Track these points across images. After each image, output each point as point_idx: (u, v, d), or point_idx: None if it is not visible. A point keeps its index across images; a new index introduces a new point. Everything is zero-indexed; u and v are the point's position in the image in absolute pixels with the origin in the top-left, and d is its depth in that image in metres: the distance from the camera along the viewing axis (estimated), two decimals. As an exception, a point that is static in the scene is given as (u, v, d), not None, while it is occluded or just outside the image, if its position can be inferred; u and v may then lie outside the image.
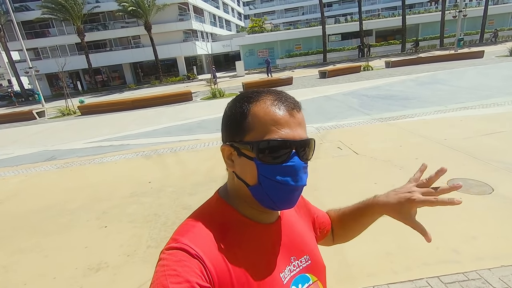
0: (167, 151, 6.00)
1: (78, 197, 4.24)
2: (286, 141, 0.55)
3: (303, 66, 27.09)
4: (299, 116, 0.58)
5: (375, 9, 51.00)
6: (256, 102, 0.57)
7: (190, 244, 0.54)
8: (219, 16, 40.69)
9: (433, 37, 28.80)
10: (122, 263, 2.61)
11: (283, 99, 0.58)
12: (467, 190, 3.10)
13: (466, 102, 6.97)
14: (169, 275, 0.49)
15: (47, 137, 9.32)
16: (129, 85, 29.09)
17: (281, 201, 0.58)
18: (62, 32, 29.45)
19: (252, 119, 0.56)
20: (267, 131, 0.55)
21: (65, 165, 5.97)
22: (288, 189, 0.56)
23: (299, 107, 0.59)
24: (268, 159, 0.55)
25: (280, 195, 0.57)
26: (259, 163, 0.56)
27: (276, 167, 0.55)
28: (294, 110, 0.57)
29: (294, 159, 0.55)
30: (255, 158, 0.56)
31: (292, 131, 0.56)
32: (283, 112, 0.56)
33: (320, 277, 0.70)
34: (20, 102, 26.99)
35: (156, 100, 13.26)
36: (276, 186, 0.56)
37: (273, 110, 0.56)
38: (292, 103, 0.58)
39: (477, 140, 4.46)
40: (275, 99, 0.57)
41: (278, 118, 0.55)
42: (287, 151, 0.55)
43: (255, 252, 0.60)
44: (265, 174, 0.56)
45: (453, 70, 12.67)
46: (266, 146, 0.55)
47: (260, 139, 0.55)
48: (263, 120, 0.55)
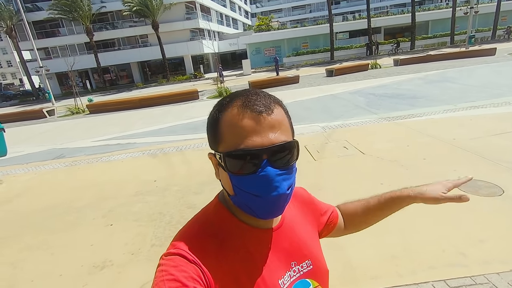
0: (173, 149, 6.04)
1: (84, 195, 4.30)
2: (252, 150, 0.51)
3: (310, 64, 26.91)
4: (270, 120, 0.53)
5: (384, 6, 50.27)
6: (226, 109, 0.55)
7: (187, 249, 0.54)
8: (226, 14, 40.69)
9: (443, 34, 28.25)
10: (126, 261, 2.63)
11: (251, 103, 0.53)
12: (476, 191, 3.02)
13: (476, 101, 6.82)
14: (167, 280, 0.50)
15: (56, 136, 9.48)
16: (137, 84, 29.37)
17: (262, 212, 0.55)
18: (72, 31, 29.88)
19: (221, 128, 0.54)
20: (235, 141, 0.52)
21: (73, 163, 6.06)
22: (264, 201, 0.53)
23: (269, 109, 0.53)
24: (238, 170, 0.53)
25: (258, 206, 0.54)
26: (231, 175, 0.54)
27: (247, 178, 0.53)
28: (262, 114, 0.52)
29: (266, 169, 0.52)
30: (226, 169, 0.54)
31: (261, 138, 0.51)
32: (248, 119, 0.52)
33: (322, 282, 0.68)
34: (31, 100, 27.55)
35: (163, 98, 13.35)
36: (251, 198, 0.54)
37: (239, 118, 0.52)
38: (262, 106, 0.53)
39: (487, 140, 4.35)
40: (241, 104, 0.53)
41: (243, 126, 0.52)
42: (256, 161, 0.52)
43: (252, 258, 0.59)
44: (238, 186, 0.54)
45: (463, 68, 12.40)
46: (232, 157, 0.52)
47: (229, 149, 0.53)
48: (230, 129, 0.53)
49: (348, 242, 2.29)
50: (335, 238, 0.89)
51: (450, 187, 0.74)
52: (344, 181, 3.68)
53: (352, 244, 2.37)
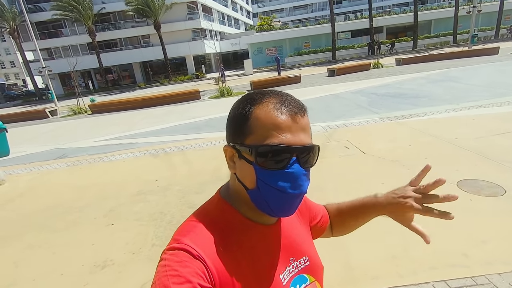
0: (174, 149, 6.05)
1: (86, 195, 4.31)
2: (286, 147, 0.53)
3: (312, 64, 26.87)
4: (303, 121, 0.56)
5: (386, 5, 50.09)
6: (259, 104, 0.56)
7: (192, 244, 0.54)
8: (227, 14, 40.72)
9: (446, 33, 28.13)
10: (127, 260, 2.64)
11: (286, 102, 0.56)
12: (478, 191, 3.01)
13: (480, 100, 6.78)
14: (171, 276, 0.49)
15: (58, 136, 9.53)
16: (139, 84, 29.46)
17: (279, 209, 0.57)
18: (74, 32, 30.02)
19: (253, 122, 0.55)
20: (268, 136, 0.53)
21: (75, 163, 6.08)
22: (286, 197, 0.55)
23: (303, 111, 0.57)
24: (267, 164, 0.54)
25: (278, 202, 0.56)
26: (258, 168, 0.55)
27: (275, 173, 0.54)
28: (297, 115, 0.55)
29: (294, 165, 0.54)
30: (253, 162, 0.55)
31: (294, 137, 0.53)
32: (285, 117, 0.54)
33: (317, 277, 0.70)
34: (34, 101, 27.71)
35: (165, 98, 13.38)
36: (274, 193, 0.55)
37: (275, 114, 0.54)
38: (296, 107, 0.56)
39: (490, 140, 4.33)
40: (278, 102, 0.56)
41: (280, 123, 0.53)
42: (287, 157, 0.54)
43: (255, 253, 0.60)
44: (263, 180, 0.55)
45: (466, 67, 12.34)
46: (265, 150, 0.53)
47: (260, 143, 0.53)
48: (264, 123, 0.54)
49: (348, 242, 2.29)
50: (336, 237, 0.89)
51: (414, 183, 0.72)
52: (345, 181, 3.67)
53: (352, 244, 2.37)
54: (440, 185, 0.64)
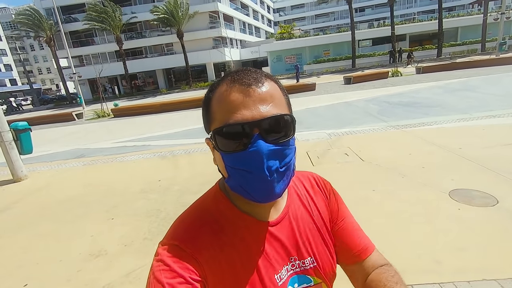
0: (182, 152, 6.31)
1: (95, 192, 4.63)
2: (240, 124, 0.48)
3: (330, 72, 26.74)
4: (260, 92, 0.50)
5: (411, 13, 48.94)
6: (217, 87, 0.54)
7: (185, 240, 0.55)
8: (249, 23, 41.55)
9: (474, 41, 27.01)
10: (119, 251, 2.84)
11: (239, 77, 0.51)
12: (469, 201, 2.95)
13: (495, 110, 6.52)
14: (164, 270, 0.50)
15: (81, 137, 10.17)
16: (161, 90, 30.63)
17: (257, 192, 0.51)
18: (104, 40, 31.92)
19: (212, 107, 0.53)
20: (224, 117, 0.50)
21: (90, 162, 6.50)
22: (259, 179, 0.50)
23: (259, 82, 0.51)
24: (228, 147, 0.50)
25: (252, 186, 0.51)
26: (222, 153, 0.52)
27: (239, 155, 0.50)
28: (251, 87, 0.50)
29: (257, 143, 0.48)
30: (217, 148, 0.52)
31: (250, 111, 0.49)
32: (237, 93, 0.50)
33: (326, 280, 0.65)
34: (65, 104, 29.56)
35: (183, 104, 13.87)
36: (245, 176, 0.50)
37: (228, 92, 0.51)
38: (249, 79, 0.51)
39: (496, 151, 4.18)
40: (231, 80, 0.52)
41: (232, 100, 0.50)
42: (247, 135, 0.49)
43: (250, 250, 0.57)
44: (230, 165, 0.52)
45: (489, 77, 11.82)
46: (221, 133, 0.50)
47: (218, 126, 0.51)
48: (220, 106, 0.51)
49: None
50: None
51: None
52: (337, 187, 3.69)
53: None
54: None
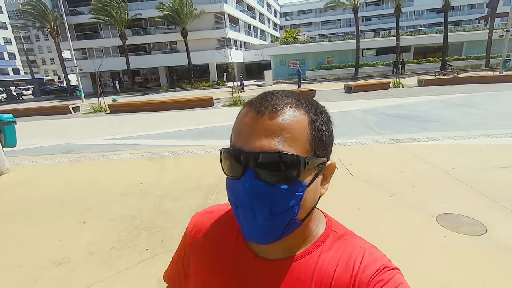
0: (171, 154, 6.15)
1: (75, 191, 4.47)
2: (236, 151, 0.45)
3: (333, 79, 26.65)
4: (270, 123, 0.44)
5: (417, 24, 48.98)
6: (244, 106, 0.50)
7: (193, 222, 0.64)
8: (254, 26, 41.55)
9: (478, 56, 26.92)
10: (83, 260, 2.68)
11: (259, 102, 0.47)
12: (456, 228, 2.79)
13: (494, 129, 6.37)
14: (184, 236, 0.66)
15: (74, 131, 10.02)
16: (163, 87, 30.54)
17: (244, 229, 0.47)
18: (108, 35, 31.85)
19: (234, 124, 0.51)
20: (232, 140, 0.48)
21: (77, 159, 6.35)
22: (242, 215, 0.46)
23: (276, 111, 0.45)
24: (226, 170, 0.48)
25: (240, 220, 0.48)
26: (226, 175, 0.49)
27: (232, 182, 0.47)
28: (262, 115, 0.45)
29: (248, 177, 0.44)
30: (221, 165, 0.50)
31: (248, 140, 0.44)
32: (248, 118, 0.46)
33: None
34: (65, 97, 29.48)
35: (179, 103, 13.74)
36: (233, 207, 0.48)
37: (242, 115, 0.47)
38: (267, 107, 0.45)
39: (489, 173, 4.02)
40: (252, 103, 0.48)
41: (241, 125, 0.47)
42: (241, 165, 0.45)
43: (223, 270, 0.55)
44: (227, 188, 0.49)
45: (491, 93, 11.68)
46: (222, 154, 0.48)
47: (225, 147, 0.49)
48: (234, 126, 0.49)
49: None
50: None
51: None
52: (321, 204, 3.53)
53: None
54: None
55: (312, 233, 0.53)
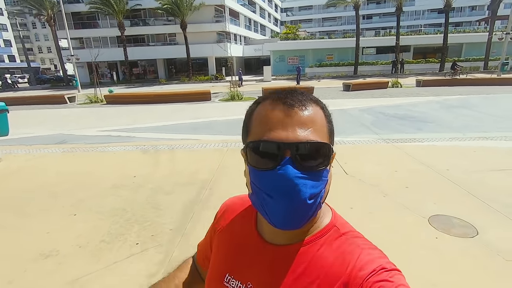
0: (165, 147, 6.10)
1: (67, 182, 4.41)
2: (273, 142, 0.47)
3: (332, 77, 26.59)
4: (302, 115, 0.48)
5: (418, 24, 48.88)
6: (262, 102, 0.53)
7: (225, 204, 0.72)
8: (254, 20, 41.19)
9: (477, 58, 26.96)
10: (71, 253, 2.64)
11: (283, 97, 0.50)
12: (448, 230, 2.79)
13: (490, 131, 6.39)
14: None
15: (68, 122, 9.91)
16: (161, 80, 30.26)
17: (276, 217, 0.48)
18: (106, 25, 31.40)
19: (253, 120, 0.52)
20: (260, 132, 0.49)
21: (70, 149, 6.28)
22: (278, 204, 0.47)
23: (303, 105, 0.49)
24: (257, 163, 0.49)
25: (271, 210, 0.48)
26: (251, 168, 0.51)
27: (265, 174, 0.48)
28: (293, 109, 0.48)
29: (286, 167, 0.46)
30: (247, 161, 0.52)
31: (287, 132, 0.47)
32: (278, 111, 0.49)
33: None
34: (61, 86, 29.14)
35: (176, 96, 13.63)
36: (265, 198, 0.48)
37: (270, 109, 0.50)
38: (294, 101, 0.49)
39: (484, 176, 4.03)
40: (277, 97, 0.51)
41: (272, 117, 0.49)
42: (278, 155, 0.47)
43: (238, 254, 0.61)
44: (254, 182, 0.50)
45: (488, 96, 11.72)
46: (253, 147, 0.49)
47: (253, 140, 0.50)
48: (259, 120, 0.50)
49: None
50: None
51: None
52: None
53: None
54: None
55: (316, 223, 0.56)
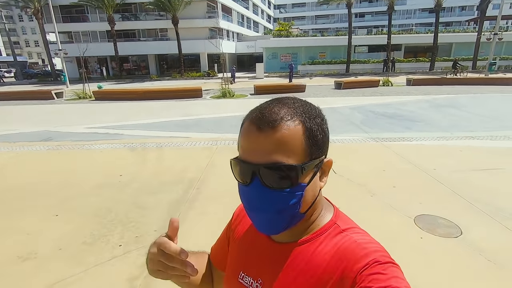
0: (154, 145, 6.01)
1: (49, 181, 4.30)
2: (243, 163, 0.52)
3: (324, 75, 26.65)
4: (270, 138, 0.49)
5: (409, 23, 49.34)
6: (245, 121, 0.54)
7: (240, 205, 0.73)
8: (247, 16, 40.89)
9: (466, 58, 27.38)
10: (50, 256, 2.57)
11: (258, 117, 0.51)
12: (433, 230, 2.81)
13: (476, 131, 6.49)
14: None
15: (55, 118, 9.67)
16: (152, 76, 29.81)
17: (255, 223, 0.56)
18: (95, 19, 30.71)
19: (239, 137, 0.55)
20: (240, 151, 0.54)
21: (56, 147, 6.12)
22: (252, 214, 0.55)
23: (274, 126, 0.49)
24: (237, 177, 0.54)
25: (250, 217, 0.56)
26: (237, 181, 0.56)
27: (241, 187, 0.55)
28: (264, 132, 0.50)
29: (255, 184, 0.51)
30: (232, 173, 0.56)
31: (253, 154, 0.50)
32: (249, 132, 0.52)
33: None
34: (49, 81, 28.45)
35: (167, 93, 13.44)
36: (244, 207, 0.56)
37: (245, 131, 0.53)
38: (266, 123, 0.50)
39: (469, 175, 4.08)
40: (252, 118, 0.52)
41: (245, 138, 0.52)
42: (248, 174, 0.51)
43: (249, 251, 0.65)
44: (239, 192, 0.56)
45: (476, 95, 11.92)
46: (233, 164, 0.54)
47: (234, 158, 0.55)
48: (240, 139, 0.54)
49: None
50: None
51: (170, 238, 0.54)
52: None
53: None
54: (175, 226, 0.52)
55: (316, 222, 0.58)
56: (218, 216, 3.09)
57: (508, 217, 2.99)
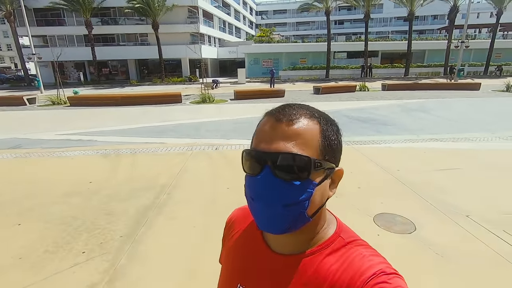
0: (128, 151, 5.94)
1: (15, 190, 4.17)
2: (256, 152, 0.52)
3: (305, 80, 27.19)
4: (287, 129, 0.51)
5: (386, 31, 51.28)
6: (263, 117, 0.57)
7: (233, 214, 0.75)
8: (229, 22, 41.18)
9: (438, 64, 28.80)
10: (9, 265, 2.51)
11: (276, 111, 0.55)
12: (389, 227, 2.98)
13: (440, 133, 6.86)
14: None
15: (25, 125, 9.35)
16: (132, 81, 29.34)
17: (257, 219, 0.55)
18: (72, 22, 29.96)
19: (255, 132, 0.57)
20: (254, 143, 0.55)
21: (24, 155, 5.93)
22: (257, 207, 0.53)
23: (292, 120, 0.52)
24: (247, 169, 0.54)
25: (255, 212, 0.54)
26: (245, 173, 0.56)
27: (250, 178, 0.54)
28: (280, 123, 0.52)
29: (265, 173, 0.51)
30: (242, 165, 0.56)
31: (269, 143, 0.51)
32: (267, 125, 0.54)
33: None
34: (22, 86, 27.37)
35: (145, 99, 13.30)
36: (250, 200, 0.55)
37: (263, 123, 0.55)
38: (285, 116, 0.53)
39: (429, 175, 4.33)
40: (271, 112, 0.55)
41: (261, 131, 0.54)
42: (259, 162, 0.52)
43: (245, 261, 0.63)
44: (245, 185, 0.56)
45: (444, 100, 12.57)
46: (244, 155, 0.55)
47: (247, 149, 0.56)
48: (256, 132, 0.56)
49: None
50: None
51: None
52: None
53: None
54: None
55: (320, 234, 0.58)
56: (187, 221, 3.12)
57: (459, 213, 3.21)
